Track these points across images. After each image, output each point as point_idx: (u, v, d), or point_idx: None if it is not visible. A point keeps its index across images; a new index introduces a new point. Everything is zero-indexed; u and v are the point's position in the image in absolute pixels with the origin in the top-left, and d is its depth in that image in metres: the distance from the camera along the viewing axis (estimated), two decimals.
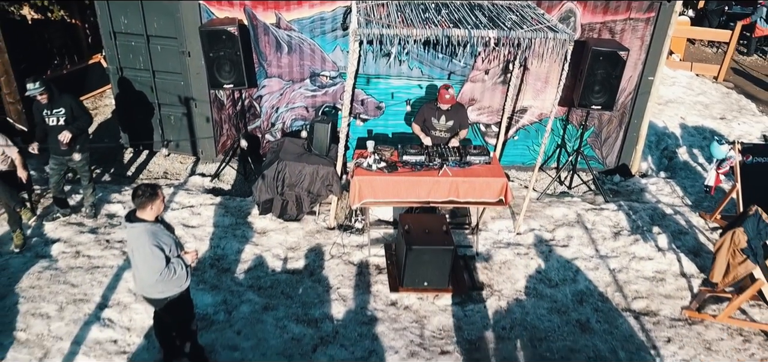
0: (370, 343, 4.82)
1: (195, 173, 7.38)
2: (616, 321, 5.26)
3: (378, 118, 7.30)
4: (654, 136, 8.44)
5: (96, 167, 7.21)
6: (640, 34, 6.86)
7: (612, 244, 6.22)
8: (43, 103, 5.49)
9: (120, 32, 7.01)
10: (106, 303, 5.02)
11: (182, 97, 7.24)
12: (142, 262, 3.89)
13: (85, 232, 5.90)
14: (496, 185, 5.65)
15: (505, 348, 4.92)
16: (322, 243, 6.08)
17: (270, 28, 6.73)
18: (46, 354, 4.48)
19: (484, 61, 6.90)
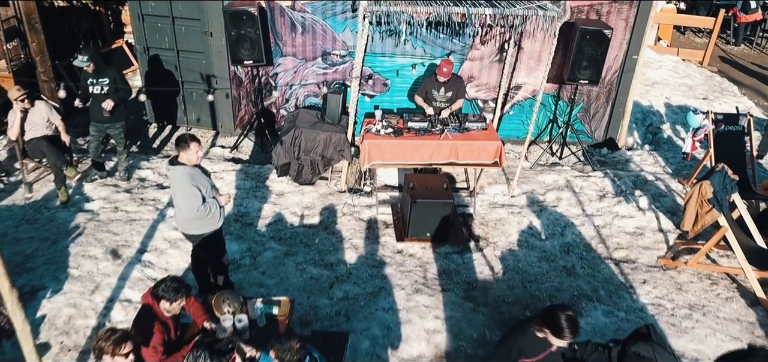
0: (379, 281, 5.46)
1: (215, 145, 8.01)
2: (599, 267, 5.89)
3: (384, 94, 7.92)
4: (640, 114, 9.07)
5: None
6: (624, 15, 7.48)
7: (597, 205, 6.85)
8: (89, 72, 6.13)
9: (147, 14, 7.63)
10: (145, 249, 5.66)
11: (204, 74, 7.86)
12: (182, 200, 4.52)
13: (120, 192, 6.55)
14: (492, 147, 6.29)
15: (499, 287, 5.55)
16: (334, 203, 6.71)
17: (285, 9, 7.35)
18: (97, 287, 5.12)
19: (482, 41, 7.51)
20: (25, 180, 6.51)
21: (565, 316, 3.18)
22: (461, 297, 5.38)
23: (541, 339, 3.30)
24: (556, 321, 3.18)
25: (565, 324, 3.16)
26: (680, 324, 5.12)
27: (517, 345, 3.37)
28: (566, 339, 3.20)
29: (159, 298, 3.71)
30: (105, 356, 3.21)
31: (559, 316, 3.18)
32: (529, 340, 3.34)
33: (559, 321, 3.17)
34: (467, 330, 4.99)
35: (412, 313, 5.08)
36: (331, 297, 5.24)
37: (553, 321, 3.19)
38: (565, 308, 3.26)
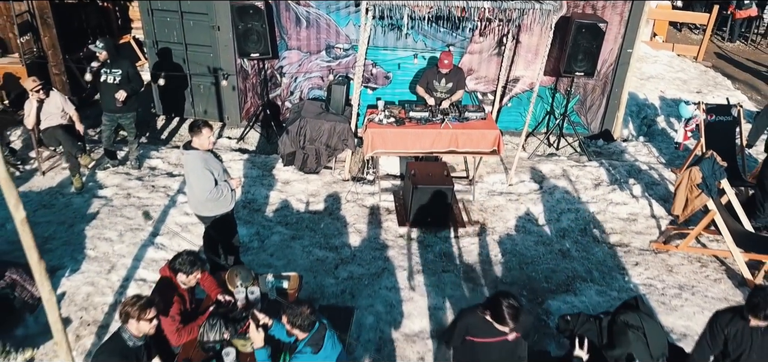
0: (382, 263, 5.70)
1: (222, 136, 8.24)
2: (593, 250, 6.13)
3: (386, 86, 8.16)
4: (635, 107, 9.31)
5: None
6: (619, 10, 7.72)
7: (592, 193, 7.09)
8: (102, 60, 6.37)
9: (157, 9, 7.87)
10: (157, 232, 5.90)
11: (211, 67, 8.10)
12: (195, 183, 4.76)
13: (132, 179, 6.78)
14: (491, 136, 6.53)
15: (498, 269, 5.79)
16: (338, 191, 6.95)
17: (291, 4, 7.59)
18: (113, 267, 5.36)
19: (481, 34, 7.74)
20: (40, 168, 6.75)
21: (507, 304, 3.28)
22: (461, 278, 5.62)
23: (489, 322, 3.41)
24: (497, 308, 3.30)
25: (505, 312, 3.26)
26: (670, 303, 5.36)
27: (464, 323, 3.52)
28: (507, 326, 3.31)
29: (176, 271, 3.95)
30: (131, 320, 3.44)
31: (500, 303, 3.29)
32: (476, 320, 3.46)
33: (500, 307, 3.28)
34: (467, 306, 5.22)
35: (413, 292, 5.32)
36: (337, 277, 5.48)
37: (495, 308, 3.30)
38: (508, 296, 3.36)
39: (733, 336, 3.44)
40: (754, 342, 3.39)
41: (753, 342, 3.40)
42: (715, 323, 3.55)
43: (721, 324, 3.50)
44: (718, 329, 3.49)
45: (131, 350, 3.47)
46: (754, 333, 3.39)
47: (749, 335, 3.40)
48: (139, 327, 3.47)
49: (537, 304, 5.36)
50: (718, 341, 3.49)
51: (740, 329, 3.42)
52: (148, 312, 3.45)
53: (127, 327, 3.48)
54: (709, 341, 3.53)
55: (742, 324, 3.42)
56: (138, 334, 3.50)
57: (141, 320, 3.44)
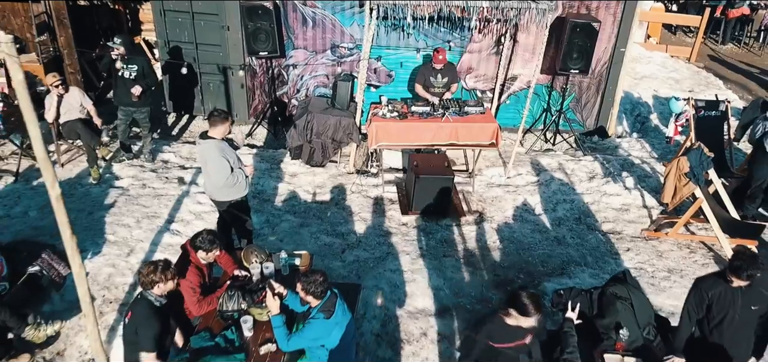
0: (387, 248, 6.00)
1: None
2: (587, 237, 6.44)
3: (388, 84, 8.47)
4: (629, 105, 9.63)
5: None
6: (612, 10, 8.05)
7: (587, 185, 7.40)
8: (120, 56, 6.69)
9: (169, 10, 8.20)
10: (172, 219, 6.21)
11: (220, 66, 8.42)
12: (212, 170, 5.06)
13: (146, 171, 7.10)
14: (489, 129, 6.84)
15: (496, 254, 6.10)
16: (344, 183, 7.26)
17: (297, 4, 7.92)
18: (132, 250, 5.66)
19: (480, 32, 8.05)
20: (59, 160, 7.06)
21: (527, 294, 3.37)
22: (461, 262, 5.92)
23: (510, 327, 3.44)
24: (518, 301, 3.36)
25: (528, 304, 3.33)
26: (659, 285, 5.66)
27: (484, 330, 3.58)
28: (532, 316, 3.35)
29: (197, 248, 4.25)
30: (157, 285, 3.72)
31: (520, 296, 3.37)
32: (496, 326, 3.48)
33: (520, 301, 3.35)
34: (466, 288, 5.53)
35: (416, 274, 5.62)
36: (344, 261, 5.78)
37: (517, 302, 3.39)
38: (524, 289, 3.52)
39: (716, 299, 3.73)
40: (736, 303, 3.68)
41: (735, 303, 3.68)
42: (698, 288, 3.84)
43: (704, 288, 3.79)
44: (702, 293, 3.78)
45: (159, 310, 3.76)
46: (736, 295, 3.68)
47: (731, 297, 3.69)
48: (165, 287, 3.77)
49: (533, 286, 5.65)
50: (702, 305, 3.78)
51: (723, 291, 3.71)
52: (167, 273, 3.74)
53: (152, 291, 3.76)
54: (694, 306, 3.82)
55: (724, 286, 3.71)
56: (163, 294, 3.79)
57: (168, 281, 3.73)
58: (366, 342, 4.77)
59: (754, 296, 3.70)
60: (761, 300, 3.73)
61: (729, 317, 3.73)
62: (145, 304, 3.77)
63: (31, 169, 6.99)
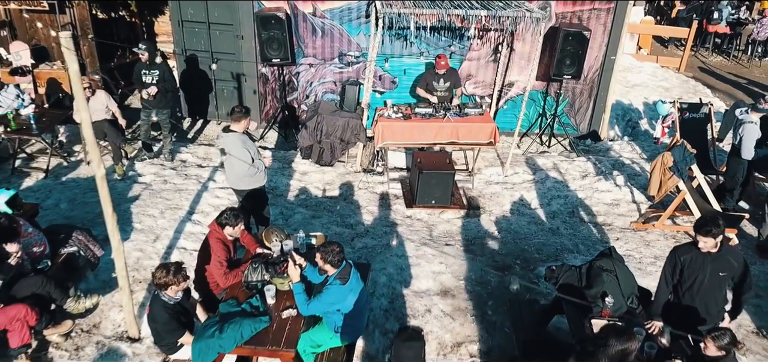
0: (392, 237, 6.46)
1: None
2: (579, 228, 6.90)
3: (393, 90, 8.99)
4: (621, 111, 10.14)
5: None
6: (603, 20, 8.59)
7: (580, 182, 7.88)
8: (143, 61, 7.20)
9: (186, 21, 8.74)
10: (193, 211, 6.67)
11: (234, 73, 8.94)
12: (235, 160, 5.54)
13: (167, 169, 7.58)
14: (488, 128, 7.33)
15: (494, 243, 6.55)
16: (351, 180, 7.73)
17: (308, 16, 8.46)
18: (157, 237, 6.12)
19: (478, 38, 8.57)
20: (85, 159, 7.54)
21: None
22: (462, 250, 6.37)
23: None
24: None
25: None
26: (646, 269, 6.10)
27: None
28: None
29: (223, 225, 4.70)
30: (171, 287, 4.07)
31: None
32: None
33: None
34: (467, 273, 5.98)
35: (420, 259, 6.07)
36: (353, 247, 6.23)
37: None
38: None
39: (687, 264, 4.18)
40: (705, 268, 4.13)
41: (704, 268, 4.14)
42: (673, 254, 4.29)
43: (677, 254, 4.25)
44: (675, 259, 4.24)
45: (171, 306, 4.17)
46: (705, 260, 4.13)
47: (701, 263, 4.15)
48: (179, 288, 4.13)
49: (529, 271, 6.10)
50: (676, 270, 4.24)
51: (693, 256, 4.16)
52: (179, 276, 4.07)
53: (166, 292, 4.13)
54: (669, 270, 4.27)
55: (696, 253, 4.16)
56: (174, 294, 4.17)
57: (180, 283, 4.09)
58: (375, 316, 5.21)
59: (722, 263, 4.16)
60: (729, 267, 4.18)
61: (699, 281, 4.17)
62: (160, 305, 4.13)
63: (60, 167, 7.48)
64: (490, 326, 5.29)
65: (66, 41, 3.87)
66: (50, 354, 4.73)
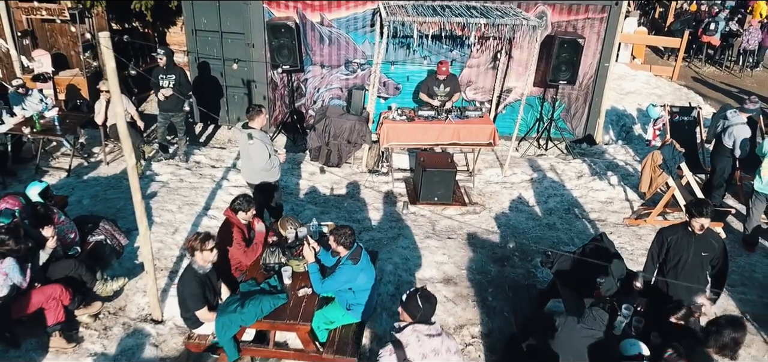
0: (398, 230, 6.82)
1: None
2: (574, 223, 7.26)
3: (396, 96, 9.40)
4: (615, 116, 10.55)
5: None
6: (596, 29, 9.02)
7: (576, 182, 8.26)
8: (160, 66, 7.61)
9: (200, 30, 9.17)
10: (209, 207, 7.05)
11: (245, 80, 9.36)
12: (254, 155, 5.92)
13: (182, 169, 7.96)
14: (487, 130, 7.73)
15: (494, 237, 6.91)
16: (358, 180, 8.11)
17: (315, 25, 8.90)
18: (176, 230, 6.49)
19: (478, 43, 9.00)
20: (104, 159, 7.93)
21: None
22: (464, 243, 6.73)
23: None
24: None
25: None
26: (637, 260, 6.44)
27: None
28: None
29: (236, 210, 5.07)
30: (196, 252, 4.47)
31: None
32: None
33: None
34: (468, 263, 6.33)
35: (424, 251, 6.42)
36: (361, 240, 6.57)
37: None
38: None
39: (673, 243, 4.56)
40: (689, 248, 4.51)
41: (688, 248, 4.51)
42: (660, 234, 4.67)
43: (664, 234, 4.62)
44: (662, 238, 4.62)
45: (201, 276, 4.54)
46: (690, 240, 4.50)
47: (686, 243, 4.52)
48: (204, 257, 4.49)
49: (527, 261, 6.46)
50: (662, 248, 4.61)
51: (679, 236, 4.54)
52: (207, 243, 4.44)
53: (195, 260, 4.52)
54: (656, 248, 4.65)
55: (681, 234, 4.54)
56: (204, 263, 4.53)
57: (204, 250, 4.45)
58: (382, 300, 5.56)
59: (704, 244, 4.53)
60: (710, 247, 4.55)
61: (683, 260, 4.54)
62: (191, 273, 4.51)
63: (81, 166, 7.86)
64: (491, 310, 5.63)
65: (105, 40, 4.27)
66: (81, 333, 5.07)
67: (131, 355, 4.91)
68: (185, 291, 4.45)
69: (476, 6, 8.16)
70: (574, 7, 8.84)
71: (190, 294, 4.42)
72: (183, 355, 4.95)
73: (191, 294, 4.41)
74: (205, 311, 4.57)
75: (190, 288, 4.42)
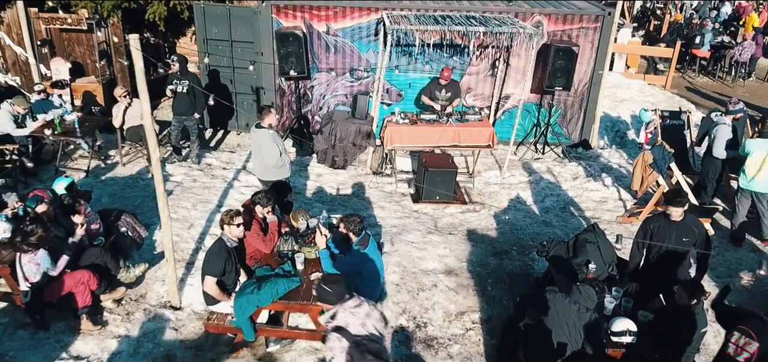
0: (402, 226, 7.18)
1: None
2: (570, 220, 7.62)
3: (399, 102, 9.78)
4: (610, 123, 10.94)
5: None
6: (590, 38, 9.44)
7: (571, 183, 8.62)
8: (174, 72, 8.00)
9: (211, 39, 9.58)
10: (221, 204, 7.41)
11: (254, 87, 9.75)
12: (266, 153, 6.29)
13: (195, 170, 8.34)
14: (486, 132, 8.11)
15: (493, 233, 7.26)
16: (362, 181, 8.48)
17: (322, 34, 9.31)
18: (191, 225, 6.85)
19: (478, 59, 9.43)
20: (121, 161, 8.31)
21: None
22: (464, 238, 7.08)
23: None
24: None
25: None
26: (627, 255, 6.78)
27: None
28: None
29: (255, 203, 5.44)
30: (225, 226, 4.88)
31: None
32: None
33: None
34: (469, 256, 6.68)
35: (427, 245, 6.77)
36: None
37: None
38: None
39: (656, 230, 4.93)
40: (671, 235, 4.87)
41: (670, 235, 4.87)
42: (644, 223, 5.04)
43: (648, 223, 4.99)
44: (646, 227, 4.99)
45: (229, 247, 4.91)
46: (671, 227, 4.87)
47: (667, 230, 4.88)
48: (231, 231, 4.90)
49: (525, 255, 6.80)
50: (647, 236, 4.97)
51: (661, 225, 4.91)
52: (235, 219, 4.89)
53: (224, 233, 4.91)
54: (641, 237, 5.01)
55: (663, 222, 4.91)
56: (232, 237, 4.93)
57: (231, 225, 4.87)
58: (388, 289, 5.89)
59: (685, 230, 4.90)
60: (691, 234, 4.92)
61: (665, 247, 4.90)
62: (220, 242, 4.92)
63: (98, 167, 8.24)
64: (490, 299, 5.97)
65: (135, 42, 4.66)
66: (105, 318, 5.41)
67: (153, 337, 5.24)
68: (210, 253, 4.82)
69: (476, 16, 8.57)
70: (569, 17, 9.26)
71: (212, 255, 4.79)
72: (202, 338, 5.28)
73: (213, 255, 4.79)
74: (213, 282, 4.83)
75: (215, 251, 4.79)
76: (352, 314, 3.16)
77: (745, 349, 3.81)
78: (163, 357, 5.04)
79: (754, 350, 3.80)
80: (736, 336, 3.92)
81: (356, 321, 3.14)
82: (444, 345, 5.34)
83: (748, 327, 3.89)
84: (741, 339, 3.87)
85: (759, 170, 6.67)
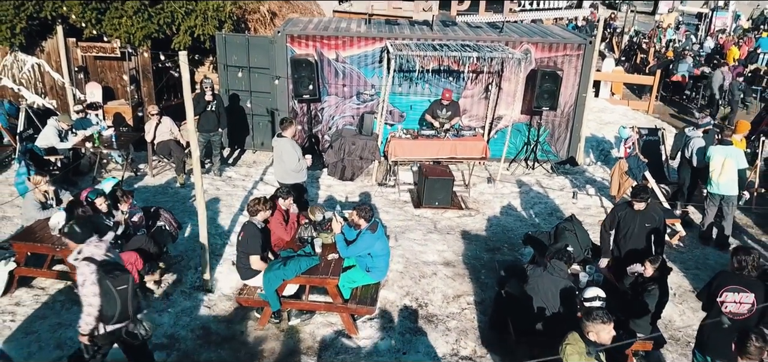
0: (404, 227, 8.03)
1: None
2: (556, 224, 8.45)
3: (401, 123, 10.72)
4: (595, 142, 11.89)
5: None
6: (574, 64, 10.45)
7: (558, 193, 9.50)
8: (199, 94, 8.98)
9: (230, 66, 10.59)
10: (242, 208, 8.27)
11: (269, 109, 10.72)
12: (287, 158, 7.19)
13: (217, 181, 9.23)
14: (480, 146, 9.05)
15: (487, 233, 8.11)
16: (369, 191, 9.36)
17: (332, 61, 10.32)
18: (218, 224, 7.69)
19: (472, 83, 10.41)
20: (150, 173, 9.21)
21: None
22: (461, 237, 7.92)
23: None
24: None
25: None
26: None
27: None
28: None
29: (277, 197, 6.31)
30: (259, 212, 5.73)
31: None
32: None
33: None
34: (465, 251, 7.51)
35: (427, 242, 7.62)
36: None
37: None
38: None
39: (622, 218, 5.80)
40: (635, 221, 5.74)
41: (634, 221, 5.74)
42: (613, 210, 5.91)
43: (616, 210, 5.87)
44: (614, 214, 5.86)
45: (259, 229, 5.76)
46: (635, 215, 5.74)
47: (632, 217, 5.75)
48: (264, 215, 5.76)
49: (515, 251, 7.63)
50: (614, 222, 5.83)
51: (628, 213, 5.78)
52: (267, 204, 5.74)
53: (256, 218, 5.76)
54: (608, 222, 5.87)
55: (629, 210, 5.78)
56: (261, 220, 5.78)
57: (266, 210, 5.73)
58: (392, 275, 6.71)
59: (648, 217, 5.77)
60: (652, 220, 5.79)
61: (630, 231, 5.77)
62: (252, 226, 5.76)
63: (131, 178, 9.13)
64: (483, 285, 6.78)
65: (183, 57, 5.61)
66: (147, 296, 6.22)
67: (190, 313, 6.04)
68: (248, 233, 5.63)
69: (470, 44, 9.59)
70: (554, 45, 10.28)
71: (250, 236, 5.60)
72: (232, 313, 6.08)
73: (251, 236, 5.60)
74: (257, 258, 5.66)
75: (251, 233, 5.61)
76: (96, 247, 4.17)
77: (744, 302, 4.40)
78: (200, 327, 5.83)
79: (752, 300, 4.42)
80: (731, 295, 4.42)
81: (100, 251, 4.15)
82: (443, 321, 6.13)
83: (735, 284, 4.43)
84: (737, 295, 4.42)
85: (720, 174, 7.54)
